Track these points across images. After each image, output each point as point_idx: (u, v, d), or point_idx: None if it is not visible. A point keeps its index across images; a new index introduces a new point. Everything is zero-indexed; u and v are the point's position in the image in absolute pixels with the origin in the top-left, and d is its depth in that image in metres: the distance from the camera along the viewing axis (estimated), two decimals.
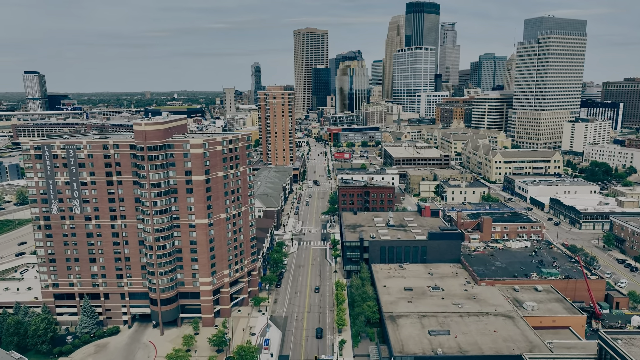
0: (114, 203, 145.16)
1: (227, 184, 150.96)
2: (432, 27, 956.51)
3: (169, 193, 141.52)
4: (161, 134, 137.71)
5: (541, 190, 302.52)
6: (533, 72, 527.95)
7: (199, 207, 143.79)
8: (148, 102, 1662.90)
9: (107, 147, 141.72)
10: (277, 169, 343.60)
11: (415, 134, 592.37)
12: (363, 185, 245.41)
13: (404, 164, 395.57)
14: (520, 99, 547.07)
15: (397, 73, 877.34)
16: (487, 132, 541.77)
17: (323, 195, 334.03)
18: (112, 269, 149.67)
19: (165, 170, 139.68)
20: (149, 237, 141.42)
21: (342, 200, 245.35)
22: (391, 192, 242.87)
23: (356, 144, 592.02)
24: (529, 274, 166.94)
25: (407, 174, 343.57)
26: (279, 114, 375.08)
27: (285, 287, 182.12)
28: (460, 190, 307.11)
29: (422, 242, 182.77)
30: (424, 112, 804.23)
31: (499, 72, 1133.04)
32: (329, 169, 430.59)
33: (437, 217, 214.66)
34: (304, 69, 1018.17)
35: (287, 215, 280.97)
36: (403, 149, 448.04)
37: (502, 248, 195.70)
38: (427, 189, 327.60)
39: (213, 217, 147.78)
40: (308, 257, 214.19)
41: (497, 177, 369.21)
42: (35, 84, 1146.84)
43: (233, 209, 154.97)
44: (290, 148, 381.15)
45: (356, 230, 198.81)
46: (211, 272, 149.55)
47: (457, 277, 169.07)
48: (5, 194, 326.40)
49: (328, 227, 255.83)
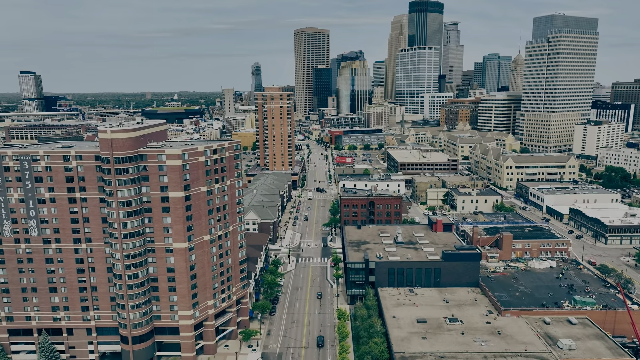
0: (77, 224, 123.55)
1: (211, 200, 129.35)
2: (436, 27, 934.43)
3: (141, 212, 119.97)
4: (131, 143, 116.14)
5: (559, 199, 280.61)
6: (542, 72, 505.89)
7: (177, 229, 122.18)
8: (148, 102, 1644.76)
9: (68, 159, 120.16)
10: (274, 174, 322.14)
11: (420, 137, 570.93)
12: (367, 195, 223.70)
13: (410, 169, 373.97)
14: (529, 101, 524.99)
15: (400, 73, 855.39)
16: (495, 134, 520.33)
17: (324, 204, 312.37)
18: (76, 301, 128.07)
19: (137, 185, 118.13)
20: (117, 264, 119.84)
21: (345, 211, 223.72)
22: (398, 203, 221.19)
23: (358, 147, 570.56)
24: (560, 303, 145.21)
25: (414, 180, 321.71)
26: (278, 116, 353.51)
27: (280, 314, 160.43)
28: (471, 198, 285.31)
29: (435, 263, 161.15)
30: (428, 113, 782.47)
31: (504, 73, 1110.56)
32: (330, 174, 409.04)
33: (450, 232, 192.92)
34: (304, 69, 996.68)
35: (284, 226, 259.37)
36: (408, 152, 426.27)
37: (525, 269, 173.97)
38: (435, 197, 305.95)
39: (194, 240, 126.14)
40: (307, 276, 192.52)
41: (508, 184, 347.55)
42: (31, 84, 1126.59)
43: (219, 229, 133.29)
44: (289, 152, 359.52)
45: (360, 248, 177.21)
46: (192, 304, 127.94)
47: (477, 306, 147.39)
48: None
49: (329, 240, 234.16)
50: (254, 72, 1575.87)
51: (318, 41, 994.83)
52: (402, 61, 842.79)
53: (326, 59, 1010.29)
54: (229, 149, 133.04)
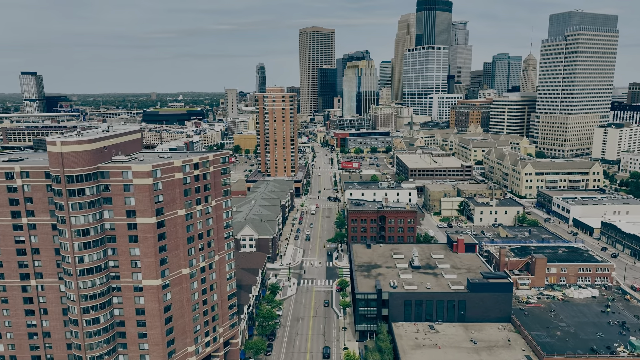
0: (24, 256, 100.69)
1: (191, 225, 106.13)
2: (444, 26, 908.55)
3: (102, 243, 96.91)
4: (88, 157, 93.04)
5: (586, 210, 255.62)
6: (559, 72, 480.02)
7: (147, 263, 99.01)
8: (152, 103, 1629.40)
9: (11, 176, 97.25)
10: (276, 182, 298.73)
11: (429, 140, 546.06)
12: (377, 209, 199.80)
13: (420, 175, 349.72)
14: (545, 102, 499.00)
15: (407, 74, 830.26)
16: (508, 137, 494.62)
17: (329, 213, 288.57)
18: (25, 349, 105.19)
19: (96, 210, 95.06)
20: (73, 307, 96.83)
21: (352, 226, 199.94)
22: (412, 218, 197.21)
23: (365, 150, 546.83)
24: (613, 347, 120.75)
25: (426, 189, 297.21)
26: (280, 119, 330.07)
27: (277, 354, 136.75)
28: (490, 209, 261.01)
29: (459, 295, 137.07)
30: (436, 115, 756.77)
31: (514, 73, 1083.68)
32: (336, 179, 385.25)
33: (473, 253, 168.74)
34: (309, 69, 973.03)
35: (285, 241, 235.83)
36: (418, 157, 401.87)
37: (563, 298, 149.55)
38: (450, 207, 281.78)
39: (170, 275, 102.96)
40: (309, 303, 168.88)
41: (527, 191, 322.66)
42: (32, 84, 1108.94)
43: (201, 259, 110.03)
44: (292, 157, 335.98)
45: (371, 274, 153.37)
46: (168, 353, 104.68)
47: (512, 348, 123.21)
48: None
49: (335, 258, 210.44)
50: (259, 73, 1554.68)
51: (323, 41, 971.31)
52: (410, 61, 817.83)
53: (331, 59, 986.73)
54: (214, 163, 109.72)
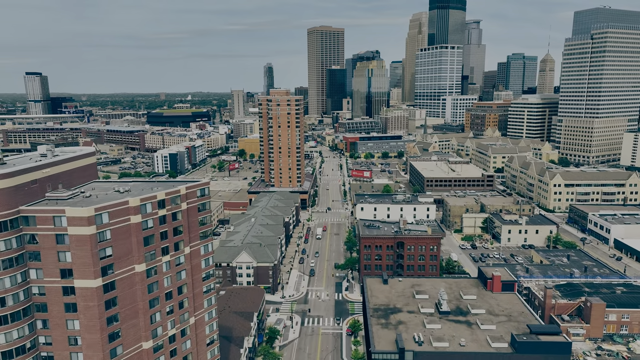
0: None
1: (155, 284, 79.33)
2: (458, 25, 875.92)
3: (27, 314, 70.32)
4: (5, 198, 66.48)
5: (630, 230, 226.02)
6: (584, 73, 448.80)
7: (91, 340, 72.30)
8: (161, 103, 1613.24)
9: None
10: (280, 195, 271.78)
11: (444, 144, 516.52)
12: (394, 233, 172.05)
13: (437, 186, 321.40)
14: (568, 105, 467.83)
15: (419, 74, 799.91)
16: (529, 142, 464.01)
17: (337, 230, 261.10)
18: None
19: (18, 269, 68.50)
20: None
21: (365, 254, 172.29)
22: (435, 245, 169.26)
23: (376, 155, 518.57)
24: None
25: (446, 203, 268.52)
26: (285, 125, 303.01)
27: None
28: (519, 228, 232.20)
29: (503, 356, 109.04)
30: (450, 117, 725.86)
31: (529, 74, 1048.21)
32: (346, 189, 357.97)
33: (511, 293, 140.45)
34: (318, 70, 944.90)
35: (288, 263, 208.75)
36: (433, 164, 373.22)
37: (629, 357, 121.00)
38: (473, 224, 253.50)
39: (125, 354, 76.12)
40: (314, 351, 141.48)
41: (555, 205, 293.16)
42: (37, 85, 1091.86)
43: (170, 326, 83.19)
44: (297, 166, 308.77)
45: (390, 321, 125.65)
46: None
47: None
48: None
49: (344, 288, 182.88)
50: (266, 73, 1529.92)
51: (332, 40, 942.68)
52: (422, 61, 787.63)
53: (341, 59, 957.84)
54: (188, 197, 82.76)
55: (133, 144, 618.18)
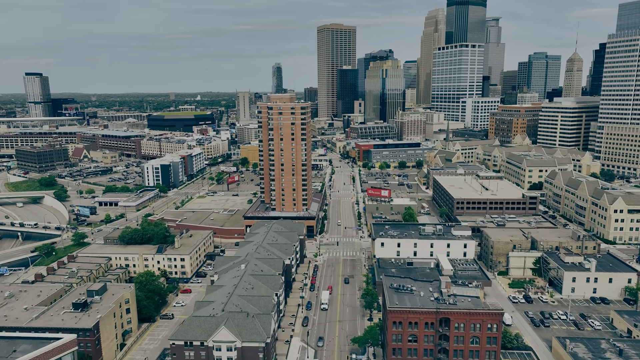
0: None
1: None
2: (477, 23, 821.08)
3: None
4: None
5: None
6: (632, 73, 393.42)
7: None
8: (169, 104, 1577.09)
9: None
10: (281, 224, 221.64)
11: (467, 153, 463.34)
12: (435, 308, 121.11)
13: (469, 209, 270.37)
14: (611, 109, 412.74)
15: (436, 75, 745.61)
16: (565, 152, 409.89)
17: (351, 270, 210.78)
18: None
19: None
20: None
21: (394, 333, 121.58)
22: (496, 322, 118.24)
23: (392, 165, 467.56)
24: None
25: (486, 236, 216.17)
26: (288, 137, 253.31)
27: None
28: (587, 275, 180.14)
29: None
30: (470, 121, 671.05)
31: (552, 74, 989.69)
32: (360, 209, 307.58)
33: None
34: (328, 70, 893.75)
35: (289, 328, 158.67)
36: (461, 180, 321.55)
37: None
38: (522, 265, 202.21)
39: None
40: None
41: (617, 235, 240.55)
42: (37, 86, 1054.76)
43: None
44: (303, 187, 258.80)
45: None
46: None
47: None
48: None
49: None
50: (275, 73, 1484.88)
51: (343, 39, 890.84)
52: (440, 61, 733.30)
53: (352, 59, 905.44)
54: None
55: (129, 150, 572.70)
